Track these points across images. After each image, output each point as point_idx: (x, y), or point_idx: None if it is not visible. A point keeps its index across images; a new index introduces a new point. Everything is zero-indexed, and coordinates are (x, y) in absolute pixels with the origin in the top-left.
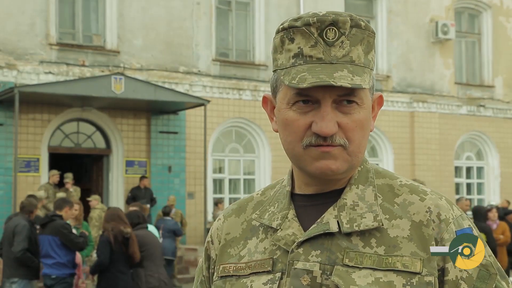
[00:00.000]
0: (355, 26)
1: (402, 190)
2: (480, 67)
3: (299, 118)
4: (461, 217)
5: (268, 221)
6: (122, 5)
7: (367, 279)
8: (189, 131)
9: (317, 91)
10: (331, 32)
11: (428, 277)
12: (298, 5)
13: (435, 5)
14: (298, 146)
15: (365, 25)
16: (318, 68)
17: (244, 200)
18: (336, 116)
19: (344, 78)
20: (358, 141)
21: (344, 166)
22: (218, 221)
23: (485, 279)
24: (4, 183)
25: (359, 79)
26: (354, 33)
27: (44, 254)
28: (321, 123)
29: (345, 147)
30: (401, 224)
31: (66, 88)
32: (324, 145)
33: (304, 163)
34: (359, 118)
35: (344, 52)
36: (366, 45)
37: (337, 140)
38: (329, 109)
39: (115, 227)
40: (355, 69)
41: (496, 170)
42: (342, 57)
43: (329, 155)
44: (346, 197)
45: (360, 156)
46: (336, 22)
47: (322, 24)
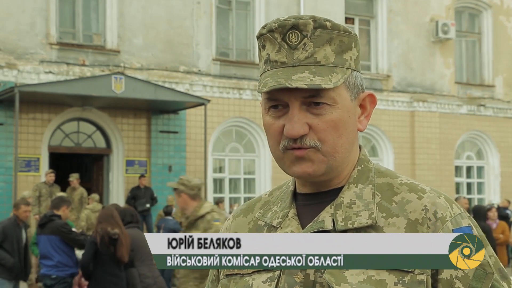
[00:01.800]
0: (319, 27)
1: (401, 189)
2: (481, 67)
3: (274, 123)
4: (460, 216)
5: (270, 219)
6: (122, 4)
7: (359, 277)
8: (189, 130)
9: (283, 95)
10: (294, 35)
11: (420, 276)
12: (298, 5)
13: (435, 5)
14: (277, 150)
15: (332, 25)
16: (280, 72)
17: (253, 200)
18: (306, 118)
19: (302, 79)
20: (332, 141)
21: (320, 168)
22: (227, 221)
23: (481, 278)
24: (4, 182)
25: (320, 80)
26: (319, 34)
27: (43, 254)
28: (288, 125)
29: (317, 148)
30: (397, 223)
31: (66, 87)
32: (296, 147)
33: (284, 166)
34: (331, 119)
35: (307, 54)
36: (338, 45)
37: (307, 141)
38: (295, 111)
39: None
40: (319, 69)
41: (497, 169)
42: (305, 59)
43: (303, 159)
44: (343, 195)
45: (337, 156)
46: (296, 25)
47: (284, 28)
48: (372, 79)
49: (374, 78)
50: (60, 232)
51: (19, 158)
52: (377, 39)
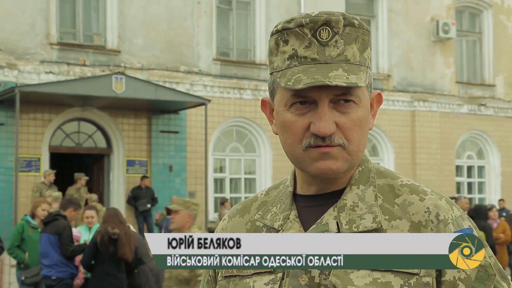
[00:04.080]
0: (348, 24)
1: (403, 190)
2: (481, 66)
3: (297, 120)
4: (461, 218)
5: (270, 221)
6: (122, 4)
7: (364, 280)
8: (190, 130)
9: (314, 92)
10: (325, 32)
11: (426, 278)
12: (298, 4)
13: (435, 4)
14: (298, 148)
15: (359, 23)
16: (313, 68)
17: (249, 200)
18: (334, 116)
19: (339, 77)
20: (357, 140)
21: (344, 165)
22: (223, 221)
23: (483, 280)
24: (5, 182)
25: (355, 78)
26: (348, 31)
27: (43, 253)
28: (319, 124)
29: (344, 146)
30: (400, 225)
31: (67, 87)
32: (323, 145)
33: (304, 164)
34: (357, 117)
35: (339, 51)
36: (361, 43)
37: (335, 140)
38: (326, 109)
39: (105, 227)
40: (350, 67)
41: (497, 169)
42: (337, 57)
43: (329, 156)
44: (346, 197)
45: (359, 155)
46: (329, 21)
47: (315, 24)
48: (373, 78)
49: (375, 77)
50: (59, 233)
51: (19, 158)
52: (377, 38)
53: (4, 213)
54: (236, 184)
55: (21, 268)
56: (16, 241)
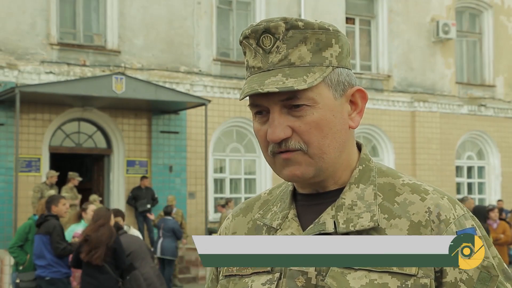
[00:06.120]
0: (291, 28)
1: (404, 189)
2: (481, 67)
3: (260, 128)
4: (463, 217)
5: (269, 220)
6: (122, 4)
7: (361, 281)
8: (190, 130)
9: (262, 100)
10: (267, 39)
11: (423, 279)
12: (298, 5)
13: (436, 5)
14: (267, 155)
15: (305, 24)
16: (256, 77)
17: (252, 199)
18: (288, 121)
19: (273, 83)
20: (317, 143)
21: (309, 170)
22: (227, 220)
23: (486, 281)
24: (5, 183)
25: (292, 81)
26: (291, 35)
27: (37, 254)
28: (269, 130)
29: (304, 150)
30: (400, 224)
31: (67, 88)
32: (282, 151)
33: (276, 170)
34: (312, 119)
35: (281, 56)
36: (314, 44)
37: (292, 144)
38: (275, 115)
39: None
40: (293, 71)
41: (497, 169)
42: (279, 62)
43: (291, 162)
44: (345, 196)
45: (326, 157)
46: (268, 29)
47: (256, 33)
48: (373, 79)
49: (375, 78)
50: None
51: (19, 158)
52: (377, 39)
53: (4, 213)
54: (236, 184)
55: (18, 270)
56: (20, 241)
